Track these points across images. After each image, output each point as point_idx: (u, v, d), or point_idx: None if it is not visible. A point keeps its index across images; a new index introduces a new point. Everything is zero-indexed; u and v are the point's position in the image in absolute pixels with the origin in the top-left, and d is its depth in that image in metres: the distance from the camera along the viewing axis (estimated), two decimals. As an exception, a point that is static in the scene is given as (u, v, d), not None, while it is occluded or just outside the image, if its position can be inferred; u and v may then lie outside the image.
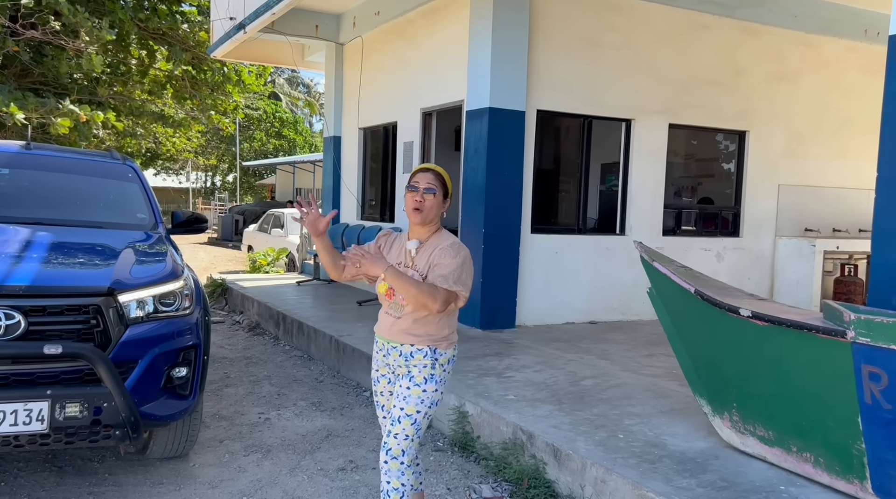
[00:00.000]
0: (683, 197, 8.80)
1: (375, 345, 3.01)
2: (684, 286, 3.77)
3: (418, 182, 2.84)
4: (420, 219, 2.83)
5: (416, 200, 2.82)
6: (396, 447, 2.81)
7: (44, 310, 3.28)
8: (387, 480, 2.83)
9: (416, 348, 2.84)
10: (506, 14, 6.77)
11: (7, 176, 4.64)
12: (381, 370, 3.00)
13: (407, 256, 2.90)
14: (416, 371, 2.84)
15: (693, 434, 3.98)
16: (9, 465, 3.95)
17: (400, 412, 2.82)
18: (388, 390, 3.00)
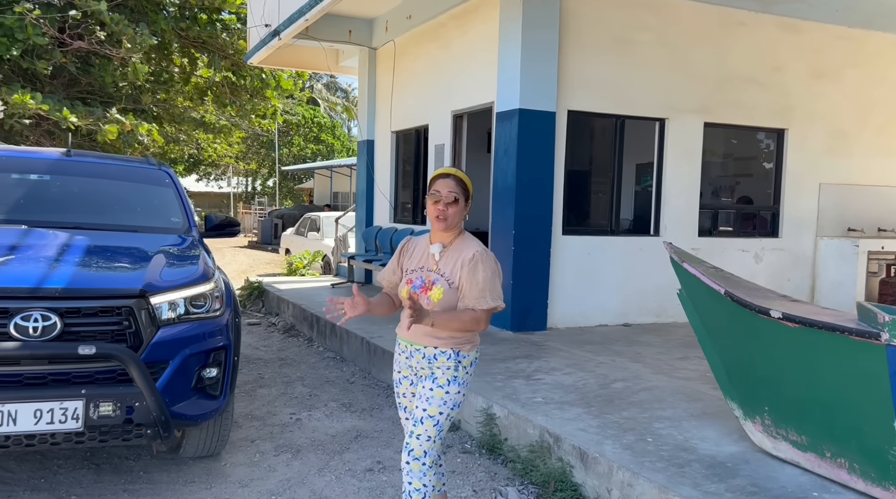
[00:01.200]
0: (721, 197, 8.64)
1: (398, 346, 3.03)
2: (714, 287, 3.70)
3: (440, 190, 2.83)
4: (444, 227, 2.85)
5: (440, 210, 2.82)
6: (418, 448, 2.82)
7: (79, 312, 3.37)
8: (408, 480, 2.84)
9: (440, 350, 2.85)
10: (535, 15, 6.75)
11: (48, 182, 4.80)
12: (404, 372, 3.02)
13: (430, 260, 2.90)
14: (439, 373, 2.86)
15: (724, 438, 3.90)
16: (49, 462, 4.08)
17: (422, 413, 2.84)
18: (410, 392, 3.01)
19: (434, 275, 2.86)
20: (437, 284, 2.84)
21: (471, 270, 2.80)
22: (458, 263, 2.83)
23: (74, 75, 15.58)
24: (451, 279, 2.83)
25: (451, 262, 2.86)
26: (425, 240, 2.99)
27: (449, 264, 2.86)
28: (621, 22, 7.38)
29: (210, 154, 28.07)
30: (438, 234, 2.91)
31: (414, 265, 2.93)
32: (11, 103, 13.09)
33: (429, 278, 2.87)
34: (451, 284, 2.83)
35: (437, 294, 2.82)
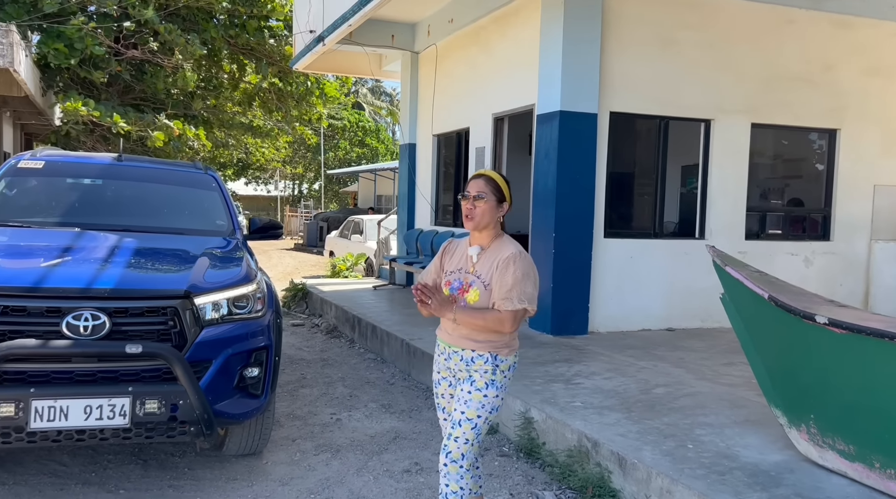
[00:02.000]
0: (769, 199, 8.43)
1: (437, 348, 3.05)
2: (757, 291, 3.63)
3: (469, 190, 2.87)
4: (472, 225, 2.86)
5: (467, 208, 2.85)
6: (456, 451, 2.82)
7: (126, 311, 3.49)
8: (445, 482, 2.84)
9: (477, 354, 2.85)
10: (577, 15, 6.71)
11: (100, 186, 4.97)
12: (442, 373, 3.03)
13: (468, 262, 2.91)
14: (477, 376, 2.85)
15: (768, 446, 3.81)
16: (100, 457, 4.22)
17: (461, 416, 2.84)
18: (448, 393, 3.02)
19: (471, 277, 2.87)
20: (474, 286, 2.85)
21: (502, 270, 2.79)
22: (494, 265, 2.83)
23: (128, 83, 16.11)
24: (487, 281, 2.83)
25: (488, 264, 2.86)
26: (466, 242, 3.00)
27: (485, 266, 2.86)
28: (665, 21, 7.27)
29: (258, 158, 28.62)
30: (476, 235, 2.92)
31: (453, 267, 2.95)
32: (65, 110, 13.61)
33: (466, 280, 2.88)
34: (487, 285, 2.83)
35: (474, 296, 2.83)
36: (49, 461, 4.10)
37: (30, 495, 3.68)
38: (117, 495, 3.73)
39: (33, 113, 17.37)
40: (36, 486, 3.78)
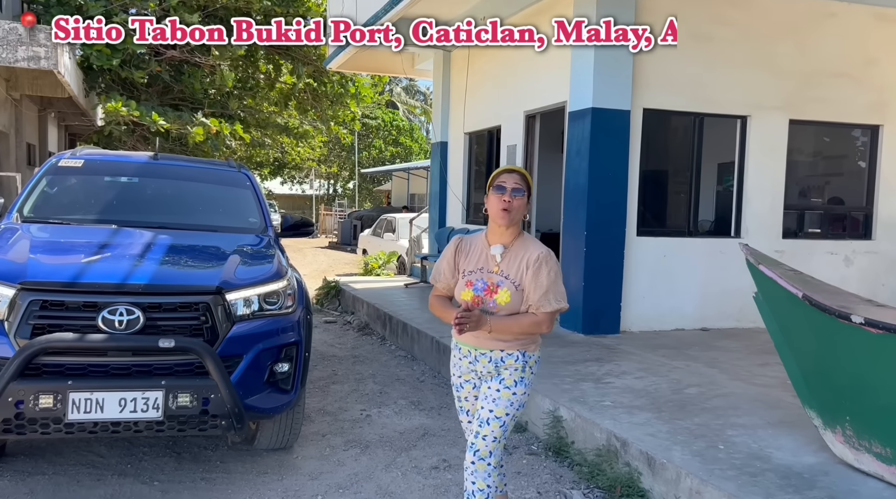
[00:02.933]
0: (809, 197, 8.24)
1: (457, 352, 2.96)
2: (792, 291, 3.55)
3: (505, 182, 2.77)
4: (508, 220, 2.77)
5: (505, 201, 2.75)
6: (484, 449, 2.80)
7: (160, 307, 3.56)
8: (472, 481, 2.82)
9: (507, 353, 2.81)
10: (610, 11, 6.63)
11: (136, 184, 5.09)
12: (465, 376, 2.96)
13: (491, 262, 2.84)
14: (506, 374, 2.82)
15: (802, 448, 3.73)
16: (135, 449, 4.32)
17: (489, 415, 2.81)
18: (472, 395, 2.97)
19: (497, 277, 2.80)
20: (503, 286, 2.78)
21: (535, 272, 2.75)
22: (523, 264, 2.78)
23: (168, 83, 16.45)
24: (517, 281, 2.78)
25: (515, 263, 2.80)
26: (481, 240, 2.91)
27: (513, 266, 2.80)
28: (700, 16, 7.15)
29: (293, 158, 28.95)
30: (499, 231, 2.83)
31: (472, 266, 2.86)
32: (107, 111, 13.96)
33: (491, 280, 2.80)
34: (518, 286, 2.78)
35: (505, 297, 2.76)
36: (87, 453, 4.21)
37: (69, 484, 3.78)
38: (152, 486, 3.82)
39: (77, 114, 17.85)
40: (74, 476, 3.89)
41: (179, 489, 3.79)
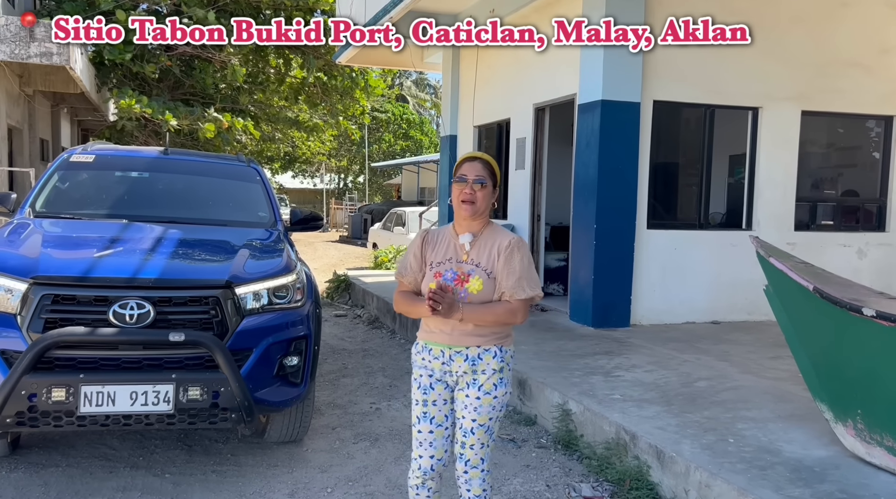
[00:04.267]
0: (821, 189, 8.17)
1: (427, 353, 2.75)
2: (802, 283, 3.53)
3: (466, 173, 2.67)
4: (471, 211, 2.67)
5: (466, 193, 2.66)
6: (475, 458, 2.72)
7: (170, 301, 3.58)
8: (467, 488, 2.76)
9: (484, 349, 2.68)
10: (620, 2, 6.58)
11: (147, 179, 5.12)
12: (437, 376, 2.75)
13: (459, 251, 2.73)
14: (483, 378, 2.68)
15: (813, 442, 3.71)
16: (147, 442, 4.36)
17: (472, 424, 2.69)
18: (443, 398, 2.76)
19: (468, 266, 2.68)
20: (474, 274, 2.66)
21: (507, 258, 2.65)
22: (494, 251, 2.68)
23: (179, 78, 16.52)
24: (489, 269, 2.67)
25: (486, 251, 2.70)
26: (448, 231, 2.79)
27: (483, 254, 2.69)
28: (711, 7, 7.06)
29: (304, 152, 29.02)
30: (466, 222, 2.72)
31: (440, 258, 2.73)
32: (120, 107, 14.04)
33: (461, 270, 2.68)
34: (490, 274, 2.67)
35: (477, 285, 2.65)
36: (99, 445, 4.25)
37: (81, 477, 3.82)
38: (163, 478, 3.85)
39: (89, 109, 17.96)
40: (87, 468, 3.93)
41: (191, 482, 3.82)
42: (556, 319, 7.34)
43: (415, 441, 2.80)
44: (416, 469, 2.78)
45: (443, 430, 2.76)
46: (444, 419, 2.76)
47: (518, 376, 5.12)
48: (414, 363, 2.84)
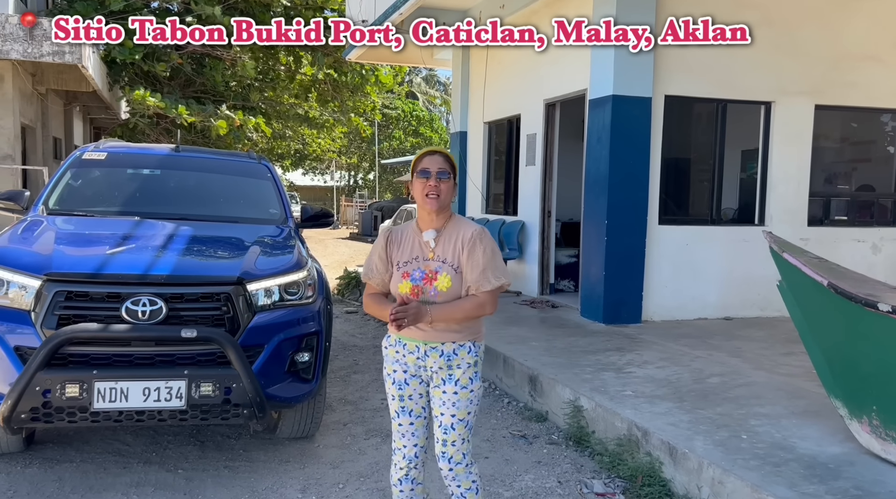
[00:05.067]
0: (835, 184, 8.10)
1: (401, 347, 2.73)
2: (816, 278, 3.50)
3: (429, 167, 2.64)
4: (436, 206, 2.64)
5: (430, 186, 2.63)
6: (457, 454, 2.72)
7: (182, 297, 3.60)
8: (456, 484, 2.76)
9: (459, 345, 2.67)
10: (630, 3, 6.54)
11: (158, 176, 5.14)
12: (411, 371, 2.75)
13: (424, 249, 2.70)
14: (458, 373, 2.67)
15: (827, 438, 3.68)
16: (160, 438, 4.38)
17: (451, 419, 2.69)
18: (418, 392, 2.77)
19: (434, 263, 2.66)
20: (442, 271, 2.64)
21: (470, 251, 2.63)
22: (458, 245, 2.65)
23: (190, 76, 16.58)
24: (455, 264, 2.65)
25: (451, 245, 2.67)
26: (411, 229, 2.76)
27: (448, 249, 2.67)
28: (724, 2, 7.02)
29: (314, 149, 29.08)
30: (429, 218, 2.69)
31: (406, 257, 2.71)
32: (133, 100, 14.08)
33: (428, 268, 2.66)
34: (457, 269, 2.65)
35: (445, 282, 2.62)
36: (113, 441, 4.28)
37: (96, 472, 3.85)
38: (176, 474, 3.88)
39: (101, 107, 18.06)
40: (101, 464, 3.96)
41: (203, 477, 3.84)
42: (566, 315, 7.32)
43: (396, 433, 2.83)
44: (401, 459, 2.80)
45: (422, 420, 2.80)
46: (421, 411, 2.80)
47: (529, 373, 5.11)
48: (386, 357, 2.82)
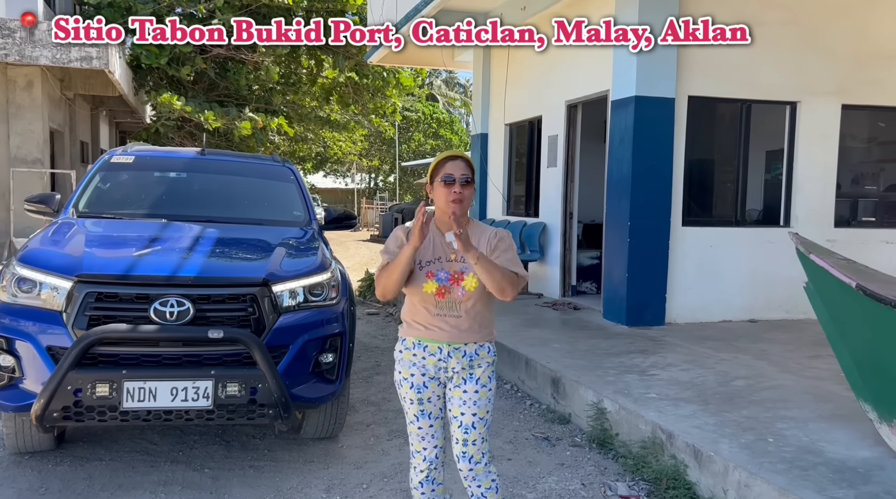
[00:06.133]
0: (863, 184, 7.98)
1: (421, 350, 2.73)
2: (844, 280, 3.45)
3: (452, 173, 2.64)
4: (461, 211, 2.65)
5: (455, 193, 2.63)
6: (477, 453, 2.75)
7: (208, 298, 3.64)
8: (476, 484, 2.78)
9: (479, 346, 2.73)
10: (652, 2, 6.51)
11: (185, 179, 5.21)
12: (431, 374, 2.75)
13: (447, 250, 2.69)
14: (479, 372, 2.72)
15: (857, 442, 3.63)
16: (187, 437, 4.44)
17: (473, 418, 2.72)
18: (437, 394, 2.79)
19: (458, 264, 2.67)
20: (468, 272, 2.65)
21: (497, 244, 2.70)
22: (483, 246, 2.68)
23: (213, 80, 16.78)
24: None
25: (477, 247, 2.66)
26: (430, 228, 2.70)
27: None
28: (748, 1, 6.97)
29: (335, 151, 29.25)
30: (450, 222, 2.62)
31: (428, 256, 2.69)
32: (159, 104, 14.28)
33: (453, 269, 2.67)
34: None
35: (472, 283, 2.65)
36: (141, 440, 4.34)
37: (124, 470, 3.91)
38: (202, 473, 3.92)
39: (127, 111, 18.34)
40: (130, 463, 4.02)
41: (229, 477, 3.89)
42: (589, 317, 7.29)
43: (415, 437, 2.84)
44: (421, 462, 2.82)
45: (440, 422, 2.82)
46: (439, 412, 2.81)
47: (551, 375, 5.10)
48: (401, 362, 2.81)
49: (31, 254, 3.85)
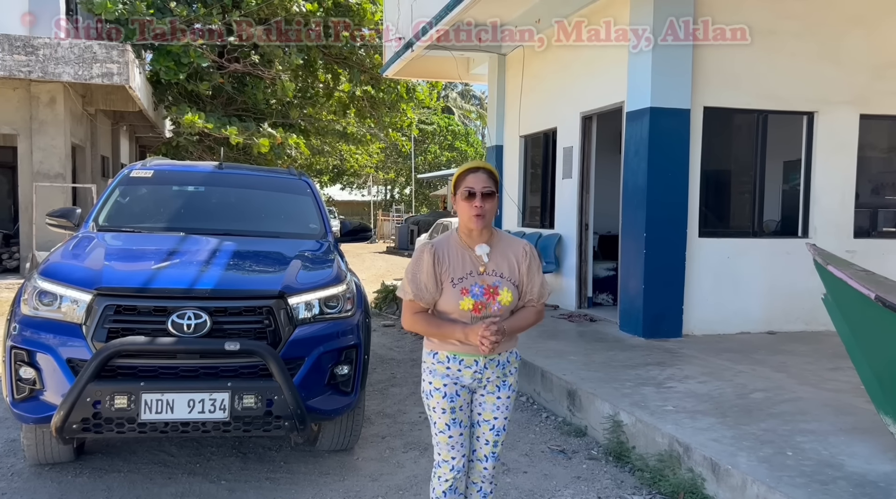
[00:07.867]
0: (883, 195, 7.89)
1: (456, 363, 2.71)
2: (864, 292, 3.42)
3: (473, 187, 2.62)
4: (483, 225, 2.65)
5: (477, 207, 2.61)
6: (499, 453, 2.91)
7: (225, 311, 3.68)
8: (488, 482, 2.92)
9: (510, 353, 2.82)
10: (668, 9, 6.52)
11: (203, 193, 5.27)
12: (464, 383, 2.75)
13: (476, 263, 2.68)
14: (511, 379, 2.83)
15: (877, 456, 3.58)
16: (203, 449, 4.46)
17: (504, 422, 2.85)
18: (466, 401, 2.80)
19: (490, 278, 2.67)
20: (502, 286, 2.67)
21: (528, 267, 2.74)
22: (514, 261, 2.71)
23: (231, 95, 16.99)
24: (513, 279, 2.71)
25: (505, 260, 2.71)
26: (454, 243, 2.73)
27: (503, 264, 2.70)
28: (763, 11, 6.95)
29: (352, 164, 29.42)
30: (474, 236, 2.68)
31: (459, 273, 2.67)
32: (182, 124, 14.51)
33: (485, 283, 2.66)
34: (515, 284, 2.71)
35: (507, 297, 2.66)
36: (158, 452, 4.38)
37: (142, 482, 3.94)
38: (219, 485, 3.94)
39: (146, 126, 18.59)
40: (147, 474, 4.05)
41: (245, 489, 3.90)
42: (605, 329, 7.26)
43: (444, 447, 2.79)
44: (448, 471, 2.80)
45: (468, 430, 2.84)
46: (468, 420, 2.84)
47: (567, 387, 5.08)
48: (433, 373, 2.77)
49: (51, 267, 3.91)
